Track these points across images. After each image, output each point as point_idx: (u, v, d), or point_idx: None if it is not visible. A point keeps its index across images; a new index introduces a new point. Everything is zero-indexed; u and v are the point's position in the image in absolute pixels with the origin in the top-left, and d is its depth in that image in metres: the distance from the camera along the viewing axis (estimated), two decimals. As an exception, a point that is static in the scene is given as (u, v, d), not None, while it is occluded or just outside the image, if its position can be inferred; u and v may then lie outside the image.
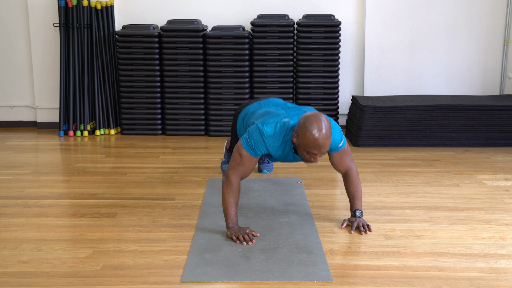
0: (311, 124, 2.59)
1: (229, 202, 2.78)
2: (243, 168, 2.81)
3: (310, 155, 2.65)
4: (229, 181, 2.79)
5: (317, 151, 2.62)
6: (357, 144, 4.82)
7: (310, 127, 2.58)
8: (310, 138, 2.58)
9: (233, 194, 2.78)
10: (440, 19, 5.39)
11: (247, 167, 2.82)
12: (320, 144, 2.59)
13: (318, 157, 2.66)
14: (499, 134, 4.77)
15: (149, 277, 2.40)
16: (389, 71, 5.48)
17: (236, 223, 2.80)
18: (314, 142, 2.58)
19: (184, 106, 5.25)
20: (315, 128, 2.58)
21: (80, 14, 5.21)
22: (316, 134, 2.57)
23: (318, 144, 2.59)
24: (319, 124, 2.58)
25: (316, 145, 2.59)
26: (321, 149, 2.61)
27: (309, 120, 2.61)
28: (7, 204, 3.33)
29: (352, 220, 2.93)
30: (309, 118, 2.62)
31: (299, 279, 2.36)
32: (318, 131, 2.57)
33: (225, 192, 2.79)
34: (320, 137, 2.58)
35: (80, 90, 5.30)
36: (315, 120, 2.60)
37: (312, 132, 2.58)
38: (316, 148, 2.60)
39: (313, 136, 2.58)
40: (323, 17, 5.13)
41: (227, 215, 2.79)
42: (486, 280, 2.36)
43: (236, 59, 5.15)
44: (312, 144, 2.59)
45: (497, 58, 5.44)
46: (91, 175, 3.95)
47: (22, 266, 2.50)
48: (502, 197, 3.45)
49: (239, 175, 2.81)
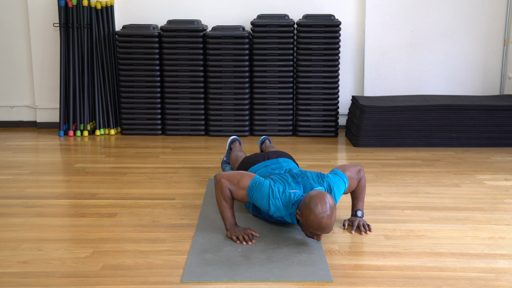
0: (316, 206, 2.53)
1: (223, 206, 2.80)
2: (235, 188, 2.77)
3: (313, 234, 2.62)
4: (220, 187, 2.78)
5: (320, 232, 2.59)
6: (357, 144, 4.81)
7: (314, 209, 2.53)
8: (314, 221, 2.54)
9: (226, 201, 2.79)
10: (440, 19, 5.39)
11: (236, 195, 2.78)
12: (323, 226, 2.55)
13: (321, 237, 2.62)
14: (499, 134, 4.77)
15: (149, 277, 2.40)
16: (389, 71, 5.48)
17: (234, 224, 2.81)
18: (318, 225, 2.54)
19: (184, 106, 5.25)
20: (319, 210, 2.52)
21: (80, 14, 5.21)
22: (320, 217, 2.52)
23: (321, 226, 2.55)
24: (323, 206, 2.53)
25: (319, 227, 2.55)
26: (324, 230, 2.57)
27: (314, 202, 2.54)
28: (7, 204, 3.33)
29: (353, 220, 2.94)
30: (314, 199, 2.55)
31: (299, 279, 2.36)
32: (322, 213, 2.52)
33: (217, 196, 2.80)
34: (323, 219, 2.53)
35: (80, 90, 5.30)
36: (320, 202, 2.54)
37: (316, 214, 2.52)
38: (319, 230, 2.56)
39: (317, 219, 2.53)
40: (323, 17, 5.13)
41: (224, 217, 2.82)
42: (486, 280, 2.36)
43: (236, 59, 5.15)
44: (315, 226, 2.55)
45: (497, 58, 5.44)
46: (91, 175, 3.95)
47: (22, 266, 2.50)
48: (502, 197, 3.45)
49: (228, 188, 2.78)
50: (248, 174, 2.80)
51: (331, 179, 2.82)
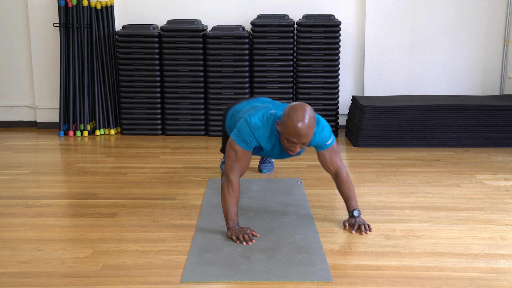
0: (294, 112, 2.61)
1: (229, 203, 2.77)
2: (240, 164, 2.82)
3: (290, 143, 2.66)
4: (229, 181, 2.79)
5: (296, 140, 2.63)
6: (357, 144, 4.82)
7: (292, 115, 2.60)
8: (291, 126, 2.60)
9: (233, 194, 2.77)
10: (440, 19, 5.39)
11: (243, 162, 2.83)
12: (299, 132, 2.59)
13: (297, 147, 2.67)
14: (499, 134, 4.77)
15: (149, 277, 2.40)
16: (389, 71, 5.48)
17: (236, 223, 2.79)
18: (294, 130, 2.59)
19: (184, 106, 5.25)
20: (297, 116, 2.59)
21: (80, 14, 5.21)
22: (297, 122, 2.59)
23: (298, 132, 2.59)
24: (302, 113, 2.60)
25: (296, 133, 2.60)
26: (301, 138, 2.61)
27: (293, 109, 2.63)
28: (7, 204, 3.33)
29: (352, 221, 2.93)
30: (294, 106, 2.64)
31: (299, 279, 2.36)
32: (300, 120, 2.59)
33: (226, 192, 2.78)
34: (300, 125, 2.59)
35: (80, 90, 5.30)
36: (299, 109, 2.62)
37: (294, 119, 2.59)
38: (295, 136, 2.61)
39: (294, 124, 2.59)
40: (323, 17, 5.13)
41: (227, 215, 2.79)
42: (486, 280, 2.36)
43: (236, 59, 5.15)
44: (292, 132, 2.60)
45: (497, 58, 5.44)
46: (91, 175, 3.95)
47: (22, 266, 2.50)
48: (502, 197, 3.45)
49: (238, 173, 2.81)
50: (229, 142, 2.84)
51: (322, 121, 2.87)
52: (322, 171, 4.03)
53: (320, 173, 3.99)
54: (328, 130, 2.88)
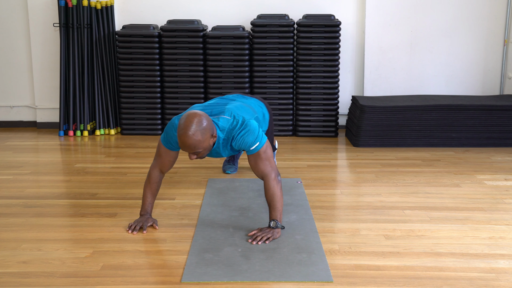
0: (180, 123, 2.61)
1: (144, 193, 2.94)
2: (160, 160, 2.92)
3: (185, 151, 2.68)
4: (148, 173, 2.95)
5: (184, 150, 2.65)
6: (357, 144, 4.82)
7: (179, 126, 2.61)
8: (177, 135, 2.62)
9: (149, 185, 2.93)
10: (440, 19, 5.39)
11: (164, 159, 2.91)
12: (183, 143, 2.60)
13: (191, 155, 2.66)
14: (499, 134, 4.77)
15: (149, 277, 2.40)
16: (389, 71, 5.48)
17: (147, 213, 2.94)
18: (179, 140, 2.61)
19: (184, 106, 5.25)
20: (180, 127, 2.60)
21: (80, 14, 5.21)
22: (179, 133, 2.60)
23: (181, 142, 2.61)
24: (186, 123, 2.58)
25: (180, 143, 2.61)
26: (186, 148, 2.61)
27: (182, 119, 2.62)
28: (7, 204, 3.33)
29: (260, 229, 2.79)
30: (184, 116, 2.62)
31: (299, 279, 2.36)
32: (182, 131, 2.58)
33: (145, 183, 2.96)
34: (180, 136, 2.59)
35: (80, 90, 5.30)
36: (186, 119, 2.60)
37: (178, 130, 2.61)
38: (181, 146, 2.63)
39: (178, 134, 2.61)
40: (323, 17, 5.13)
41: (142, 203, 2.95)
42: (486, 280, 2.36)
43: (236, 59, 5.15)
44: (178, 141, 2.63)
45: (497, 58, 5.44)
46: (91, 175, 3.95)
47: (22, 266, 2.50)
48: (502, 197, 3.45)
49: (157, 167, 2.94)
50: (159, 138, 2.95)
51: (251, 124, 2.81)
52: (322, 171, 4.03)
53: (320, 173, 3.99)
54: (252, 135, 2.78)
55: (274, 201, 2.77)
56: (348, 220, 3.07)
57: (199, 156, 2.70)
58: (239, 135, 2.81)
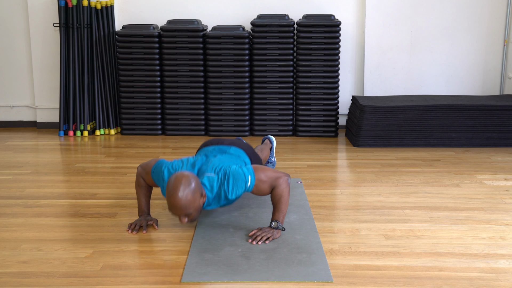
0: (170, 185, 2.53)
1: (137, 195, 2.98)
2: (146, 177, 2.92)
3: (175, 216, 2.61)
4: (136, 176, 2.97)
5: (174, 213, 2.56)
6: (357, 144, 4.82)
7: (168, 188, 2.53)
8: (167, 197, 2.55)
9: (139, 189, 2.97)
10: (440, 19, 5.39)
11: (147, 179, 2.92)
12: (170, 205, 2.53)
13: (182, 218, 2.57)
14: (499, 134, 4.77)
15: (149, 277, 2.40)
16: (389, 71, 5.48)
17: (144, 213, 2.97)
18: (168, 202, 2.54)
19: (184, 106, 5.25)
20: (168, 188, 2.53)
21: (80, 14, 5.21)
22: (168, 195, 2.53)
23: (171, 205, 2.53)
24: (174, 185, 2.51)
25: (170, 205, 2.54)
26: (172, 209, 2.55)
27: (171, 181, 2.54)
28: (7, 204, 3.33)
29: (262, 228, 2.80)
30: (173, 178, 2.55)
31: (299, 279, 2.36)
32: (169, 192, 2.52)
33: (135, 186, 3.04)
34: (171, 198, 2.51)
35: (80, 90, 5.30)
36: (175, 181, 2.53)
37: (167, 192, 2.54)
38: (172, 209, 2.55)
39: (168, 196, 2.54)
40: (323, 17, 5.13)
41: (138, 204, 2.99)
42: (486, 280, 2.36)
43: (236, 59, 5.15)
44: (168, 204, 2.55)
45: (497, 58, 5.44)
46: (91, 175, 3.95)
47: (22, 266, 2.50)
48: (502, 197, 3.45)
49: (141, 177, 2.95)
50: (155, 159, 2.92)
51: (231, 171, 2.71)
52: (322, 171, 4.03)
53: (320, 173, 3.99)
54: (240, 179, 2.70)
55: (280, 202, 2.76)
56: (348, 220, 3.07)
57: (190, 218, 2.59)
58: (229, 189, 2.71)
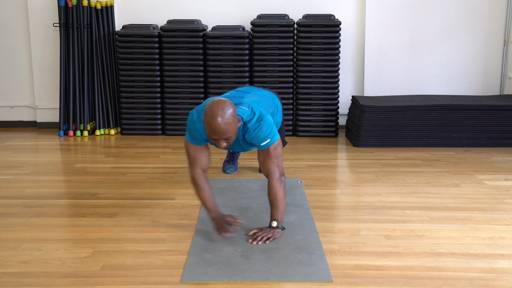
0: (209, 110, 2.58)
1: (202, 197, 2.84)
2: (196, 160, 2.85)
3: (213, 140, 2.65)
4: (191, 178, 2.86)
5: (215, 136, 2.60)
6: (357, 144, 4.82)
7: (207, 113, 2.58)
8: (207, 123, 2.59)
9: (201, 191, 2.84)
10: (440, 19, 5.39)
11: (199, 156, 2.84)
12: (215, 129, 2.57)
13: (222, 142, 2.63)
14: (499, 134, 4.77)
15: (149, 277, 2.40)
16: (389, 71, 5.47)
17: (218, 213, 2.81)
18: (210, 127, 2.58)
19: (184, 106, 5.25)
20: (211, 113, 2.56)
21: (80, 14, 5.21)
22: (211, 119, 2.56)
23: (213, 129, 2.57)
24: (215, 109, 2.56)
25: (211, 129, 2.58)
26: (219, 134, 2.58)
27: (209, 106, 2.59)
28: (7, 204, 3.33)
29: (262, 228, 2.80)
30: (209, 103, 2.60)
31: (299, 279, 2.36)
32: (214, 117, 2.55)
33: (195, 190, 2.87)
34: (214, 122, 2.55)
35: (80, 90, 5.31)
36: (213, 105, 2.57)
37: (208, 117, 2.57)
38: (213, 133, 2.59)
39: (208, 121, 2.58)
40: (323, 17, 5.13)
41: (206, 208, 2.84)
42: (486, 280, 2.36)
43: (236, 59, 5.15)
44: (208, 129, 2.59)
45: (497, 58, 5.44)
46: (91, 175, 3.95)
47: (22, 266, 2.50)
48: (502, 197, 3.45)
49: (196, 168, 2.85)
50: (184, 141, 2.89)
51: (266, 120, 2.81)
52: (322, 171, 4.03)
53: (320, 173, 3.99)
54: (265, 131, 2.79)
55: (276, 201, 2.78)
56: (348, 220, 3.07)
57: (228, 142, 2.65)
58: (253, 128, 2.81)
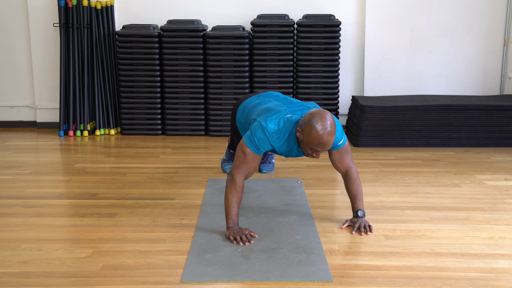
0: (317, 122, 2.63)
1: (231, 202, 2.77)
2: (247, 167, 2.81)
3: (313, 151, 2.71)
4: (233, 180, 2.79)
5: (320, 149, 2.68)
6: (357, 144, 4.82)
7: (315, 125, 2.63)
8: (314, 136, 2.63)
9: (236, 194, 2.77)
10: (440, 19, 5.39)
11: (251, 165, 2.83)
12: (324, 141, 2.64)
13: (320, 154, 2.73)
14: (499, 134, 4.77)
15: (149, 277, 2.40)
16: (389, 71, 5.47)
17: (236, 224, 2.79)
18: (318, 140, 2.63)
19: (184, 106, 5.25)
20: (320, 125, 2.62)
21: (80, 14, 5.21)
22: (321, 132, 2.62)
23: (322, 141, 2.64)
24: (324, 122, 2.63)
25: (320, 142, 2.64)
26: (325, 146, 2.67)
27: (315, 118, 2.65)
28: (7, 204, 3.33)
29: (354, 220, 2.93)
30: (315, 115, 2.66)
31: (299, 279, 2.36)
32: (323, 129, 2.62)
33: (228, 191, 2.78)
34: (324, 135, 2.63)
35: (80, 90, 5.31)
36: (320, 117, 2.64)
37: (317, 129, 2.62)
38: (320, 145, 2.66)
39: (318, 134, 2.62)
40: (323, 17, 5.13)
41: (228, 214, 2.79)
42: (486, 280, 2.36)
43: (236, 59, 5.15)
44: (316, 142, 2.64)
45: (497, 58, 5.44)
46: (91, 175, 3.95)
47: (22, 266, 2.50)
48: (502, 197, 3.45)
49: (243, 174, 2.81)
50: (240, 145, 2.83)
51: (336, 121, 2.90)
52: (322, 171, 4.03)
53: (320, 173, 3.99)
54: (340, 131, 2.90)
55: (359, 192, 2.96)
56: (348, 220, 3.07)
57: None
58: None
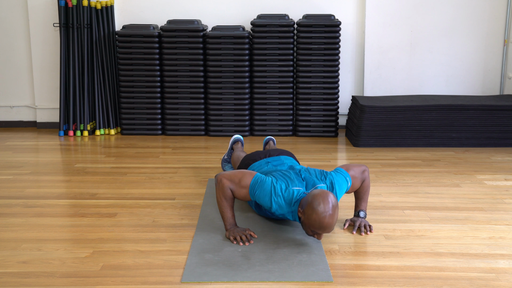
0: (318, 205, 2.51)
1: (223, 206, 2.79)
2: (237, 189, 2.76)
3: (314, 233, 2.61)
4: (221, 187, 2.77)
5: (321, 232, 2.57)
6: (357, 144, 4.81)
7: (317, 208, 2.50)
8: (316, 220, 2.52)
9: (226, 201, 2.79)
10: (440, 19, 5.39)
11: (238, 194, 2.78)
12: (325, 226, 2.52)
13: (322, 236, 2.61)
14: (499, 134, 4.77)
15: (149, 277, 2.40)
16: (389, 71, 5.48)
17: (233, 224, 2.81)
18: (319, 224, 2.52)
19: (184, 106, 5.25)
20: (321, 209, 2.50)
21: (80, 14, 5.21)
22: (322, 216, 2.50)
23: (323, 226, 2.53)
24: (326, 206, 2.51)
25: (321, 226, 2.53)
26: (326, 230, 2.55)
27: (317, 200, 2.52)
28: (7, 204, 3.33)
29: (355, 220, 2.94)
30: (317, 198, 2.53)
31: (299, 279, 2.36)
32: (324, 212, 2.50)
33: (218, 196, 2.79)
34: (326, 219, 2.51)
35: (80, 90, 5.31)
36: (322, 201, 2.52)
37: (319, 214, 2.50)
38: (321, 229, 2.55)
39: (319, 218, 2.51)
40: (323, 17, 5.13)
41: (223, 217, 2.81)
42: (486, 280, 2.36)
43: (236, 59, 5.15)
44: (317, 225, 2.53)
45: (497, 58, 5.44)
46: (91, 175, 3.95)
47: (22, 266, 2.50)
48: (502, 197, 3.45)
49: (231, 185, 2.77)
50: (249, 173, 2.79)
51: (334, 177, 2.81)
52: (322, 171, 4.02)
53: (320, 173, 3.99)
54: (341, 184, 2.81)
55: (366, 195, 2.99)
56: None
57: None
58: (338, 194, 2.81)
